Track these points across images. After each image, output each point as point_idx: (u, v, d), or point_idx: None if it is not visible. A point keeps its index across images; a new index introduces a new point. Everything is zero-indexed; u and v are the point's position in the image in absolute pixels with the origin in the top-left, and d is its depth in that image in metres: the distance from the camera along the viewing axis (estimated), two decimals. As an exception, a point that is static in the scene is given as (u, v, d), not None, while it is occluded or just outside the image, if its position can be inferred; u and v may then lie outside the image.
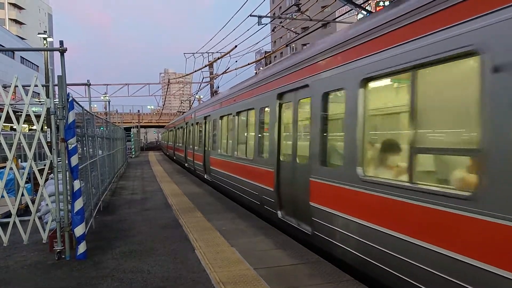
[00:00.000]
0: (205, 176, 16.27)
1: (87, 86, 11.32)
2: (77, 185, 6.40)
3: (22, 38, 71.11)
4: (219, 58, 25.86)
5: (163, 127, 59.94)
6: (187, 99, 49.02)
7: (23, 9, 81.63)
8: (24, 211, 9.30)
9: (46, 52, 24.40)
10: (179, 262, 6.08)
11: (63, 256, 6.40)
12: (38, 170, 6.95)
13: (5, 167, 7.01)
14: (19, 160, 14.86)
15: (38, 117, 6.72)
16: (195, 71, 30.36)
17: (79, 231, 6.34)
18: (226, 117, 13.18)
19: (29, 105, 6.62)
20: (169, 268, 5.82)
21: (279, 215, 8.00)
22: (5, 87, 7.38)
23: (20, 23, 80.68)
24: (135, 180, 18.82)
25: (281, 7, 58.24)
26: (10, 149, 6.99)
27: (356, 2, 10.00)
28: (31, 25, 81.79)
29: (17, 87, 6.74)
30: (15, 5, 79.91)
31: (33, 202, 6.83)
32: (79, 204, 6.37)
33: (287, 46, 19.86)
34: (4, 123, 6.68)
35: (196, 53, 29.09)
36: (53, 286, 5.28)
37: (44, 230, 6.88)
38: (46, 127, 16.68)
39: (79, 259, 6.29)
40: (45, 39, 23.22)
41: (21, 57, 63.90)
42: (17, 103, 13.27)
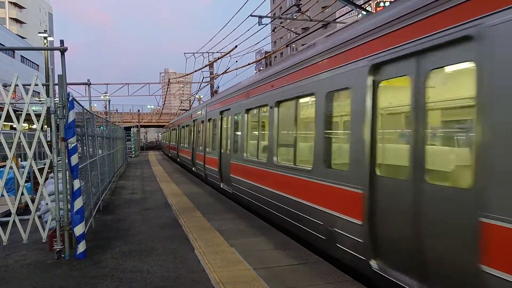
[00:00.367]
0: (222, 185, 12.95)
1: (87, 85, 11.31)
2: (77, 184, 6.40)
3: (22, 37, 71.11)
4: (219, 58, 25.87)
5: (163, 126, 59.91)
6: (187, 99, 48.99)
7: (24, 8, 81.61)
8: (24, 210, 9.31)
9: (46, 51, 24.39)
10: (179, 262, 6.08)
11: (63, 255, 6.40)
12: (38, 169, 6.94)
13: (5, 166, 7.01)
14: (19, 159, 14.86)
15: (38, 116, 6.72)
16: (195, 71, 30.37)
17: (79, 230, 6.34)
18: (256, 110, 9.93)
19: (29, 104, 6.63)
20: (168, 268, 5.82)
21: (373, 267, 4.82)
22: (5, 86, 7.38)
23: (20, 22, 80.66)
24: (135, 179, 18.82)
25: (281, 7, 58.26)
26: (10, 148, 7.00)
27: (356, 2, 10.01)
28: (32, 24, 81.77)
29: (18, 86, 6.74)
30: (15, 4, 79.90)
31: (33, 201, 6.82)
32: (78, 203, 6.37)
33: (287, 46, 19.86)
34: (4, 122, 6.68)
35: (196, 53, 29.09)
36: (53, 285, 5.28)
37: (43, 229, 6.88)
38: (46, 126, 16.69)
39: (78, 259, 6.29)
40: (45, 38, 23.21)
41: (21, 56, 63.86)
42: (17, 102, 13.27)
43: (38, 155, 21.73)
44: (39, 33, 24.57)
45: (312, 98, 6.74)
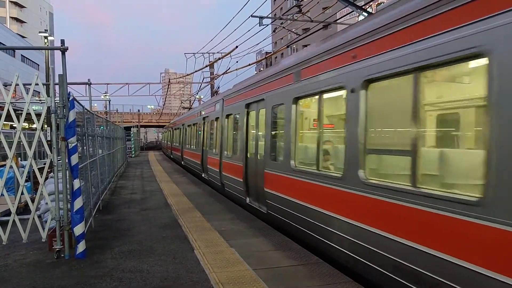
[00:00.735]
0: (248, 200, 10.12)
1: (87, 85, 11.32)
2: (76, 184, 6.40)
3: (23, 36, 71.13)
4: (220, 58, 25.88)
5: (163, 127, 59.85)
6: (187, 99, 48.95)
7: (24, 7, 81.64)
8: (23, 209, 9.30)
9: (47, 50, 24.39)
10: (178, 262, 6.08)
11: (62, 255, 6.40)
12: (38, 168, 6.94)
13: (5, 165, 7.00)
14: (19, 158, 14.85)
15: (38, 115, 6.72)
16: (196, 71, 30.38)
17: (79, 230, 6.34)
18: (316, 98, 6.69)
19: (29, 103, 6.63)
20: (168, 268, 5.82)
21: None
22: (6, 85, 7.38)
23: (21, 21, 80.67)
24: (134, 179, 18.82)
25: (282, 8, 58.23)
26: (10, 148, 6.99)
27: (357, 3, 10.01)
28: (32, 23, 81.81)
29: (18, 85, 6.74)
30: (16, 3, 79.95)
31: (32, 200, 6.82)
32: (78, 203, 6.37)
33: (288, 47, 19.87)
34: (4, 121, 6.68)
35: (197, 53, 29.12)
36: (52, 285, 5.28)
37: (43, 228, 6.88)
38: (46, 126, 16.68)
39: (78, 258, 6.28)
40: (46, 37, 23.21)
41: (21, 55, 63.89)
42: (18, 101, 13.27)
43: (38, 154, 21.72)
44: (40, 32, 24.57)
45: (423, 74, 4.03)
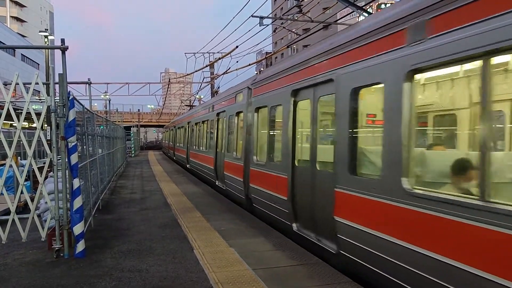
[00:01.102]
0: (296, 227, 7.24)
1: (87, 84, 11.32)
2: (76, 183, 6.40)
3: (23, 35, 71.10)
4: (220, 58, 25.90)
5: (163, 126, 59.79)
6: (187, 99, 48.92)
7: (25, 6, 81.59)
8: (23, 208, 9.29)
9: (47, 50, 24.39)
10: (178, 261, 6.07)
11: (62, 254, 6.39)
12: (37, 168, 6.94)
13: (5, 164, 7.00)
14: (19, 157, 14.85)
15: (38, 115, 6.72)
16: (196, 71, 30.43)
17: (78, 229, 6.34)
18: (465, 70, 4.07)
19: (29, 102, 6.62)
20: (167, 267, 5.81)
21: None
22: (6, 84, 7.37)
23: (21, 20, 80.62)
24: (134, 179, 18.82)
25: (282, 8, 58.23)
26: (10, 147, 6.99)
27: (358, 4, 10.01)
28: (33, 23, 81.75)
29: (18, 84, 6.74)
30: (16, 3, 79.90)
31: (32, 200, 6.82)
32: (78, 202, 6.37)
33: (288, 47, 19.85)
34: (4, 120, 6.67)
35: (197, 53, 29.15)
36: (51, 284, 5.27)
37: (43, 228, 6.87)
38: (46, 125, 16.68)
39: (77, 258, 6.28)
40: (46, 37, 23.21)
41: (22, 54, 63.88)
42: (18, 100, 13.27)
43: (38, 153, 21.72)
44: (40, 31, 24.57)
45: None
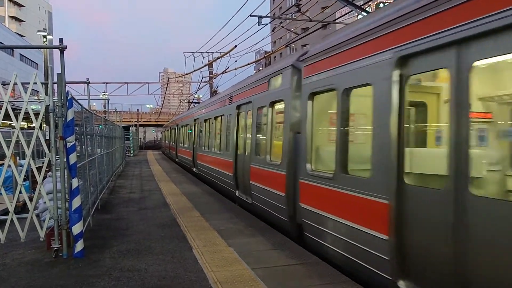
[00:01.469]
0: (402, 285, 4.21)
1: (86, 84, 11.32)
2: (75, 183, 6.39)
3: (21, 35, 70.98)
4: (218, 57, 25.88)
5: (161, 126, 59.74)
6: (186, 99, 48.90)
7: (23, 6, 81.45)
8: (21, 208, 9.28)
9: (45, 49, 24.35)
10: (177, 261, 6.07)
11: (60, 254, 6.38)
12: (36, 167, 6.93)
13: (3, 164, 6.99)
14: (17, 157, 14.83)
15: (37, 114, 6.70)
16: (195, 71, 30.39)
17: (77, 229, 6.33)
18: None
19: (28, 102, 6.61)
20: (166, 267, 5.81)
21: None
22: (4, 84, 7.36)
23: (20, 20, 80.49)
24: (133, 179, 18.80)
25: (281, 7, 58.25)
26: (8, 146, 6.98)
27: (356, 3, 10.01)
28: (31, 22, 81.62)
29: (16, 84, 6.73)
30: (15, 2, 79.76)
31: (31, 199, 6.81)
32: (77, 202, 6.36)
33: (287, 46, 19.89)
34: (2, 120, 6.67)
35: (196, 52, 29.15)
36: (50, 284, 5.27)
37: (41, 228, 6.86)
38: (44, 125, 16.66)
39: (76, 257, 6.27)
40: (44, 36, 23.19)
41: (20, 54, 63.78)
42: (16, 100, 13.25)
43: (36, 153, 21.70)
44: (39, 31, 24.54)
45: None
